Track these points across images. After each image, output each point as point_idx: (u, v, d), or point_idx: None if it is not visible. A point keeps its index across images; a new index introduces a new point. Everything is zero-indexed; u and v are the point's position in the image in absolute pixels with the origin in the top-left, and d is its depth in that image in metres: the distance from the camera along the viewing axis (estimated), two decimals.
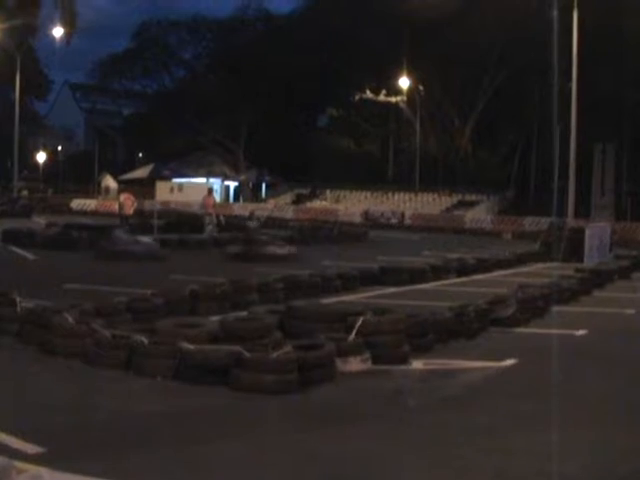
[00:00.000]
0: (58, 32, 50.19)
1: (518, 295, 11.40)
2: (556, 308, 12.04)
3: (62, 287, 12.84)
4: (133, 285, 12.49)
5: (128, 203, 26.00)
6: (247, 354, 6.96)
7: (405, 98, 52.89)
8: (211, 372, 6.99)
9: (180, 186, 59.59)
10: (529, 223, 38.26)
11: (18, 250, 20.22)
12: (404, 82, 51.66)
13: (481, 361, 8.46)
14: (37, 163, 75.37)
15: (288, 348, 7.14)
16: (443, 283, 15.52)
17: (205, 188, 38.08)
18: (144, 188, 53.22)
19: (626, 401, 7.05)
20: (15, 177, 55.58)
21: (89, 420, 6.07)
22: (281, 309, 9.35)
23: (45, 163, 76.09)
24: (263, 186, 64.82)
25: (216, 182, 58.60)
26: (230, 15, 64.58)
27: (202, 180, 59.88)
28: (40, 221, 32.27)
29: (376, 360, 7.85)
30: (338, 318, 8.60)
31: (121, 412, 6.30)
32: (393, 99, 53.32)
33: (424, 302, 12.07)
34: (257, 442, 5.64)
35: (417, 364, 8.15)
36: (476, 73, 49.19)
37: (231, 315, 9.45)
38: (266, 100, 58.06)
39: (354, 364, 7.68)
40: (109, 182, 66.66)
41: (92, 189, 65.51)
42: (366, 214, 46.05)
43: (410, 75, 50.88)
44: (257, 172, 63.84)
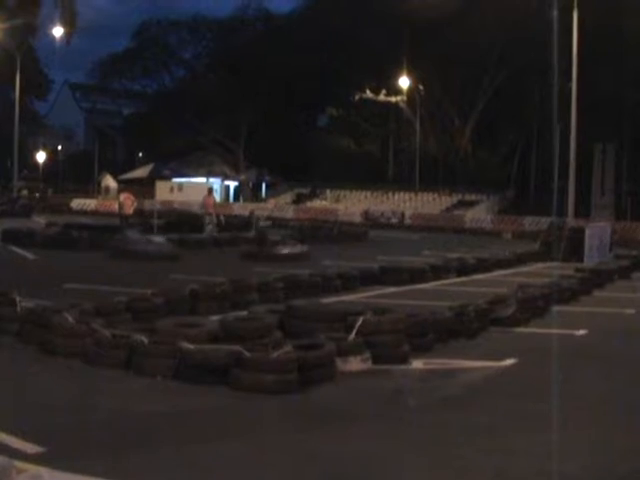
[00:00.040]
0: (58, 32, 50.24)
1: (518, 295, 11.39)
2: (556, 308, 12.04)
3: (62, 287, 12.84)
4: (134, 285, 12.48)
5: (128, 203, 25.99)
6: (247, 354, 6.96)
7: (405, 98, 52.88)
8: (211, 372, 6.99)
9: (180, 186, 59.60)
10: (529, 223, 38.26)
11: (18, 250, 20.21)
12: (404, 82, 51.66)
13: (481, 361, 8.46)
14: (37, 163, 75.36)
15: (288, 348, 7.13)
16: (443, 283, 15.51)
17: (205, 188, 38.05)
18: (144, 188, 53.31)
19: (626, 401, 7.05)
20: (15, 177, 55.60)
21: (89, 420, 6.07)
22: (281, 309, 9.35)
23: (45, 163, 76.07)
24: (263, 186, 64.80)
25: (216, 182, 58.57)
26: (230, 15, 64.72)
27: (202, 180, 59.87)
28: (40, 221, 32.27)
29: (376, 360, 7.85)
30: (338, 318, 8.60)
31: (121, 412, 6.29)
32: (393, 99, 53.31)
33: (424, 302, 12.06)
34: (257, 442, 5.64)
35: (417, 364, 8.15)
36: (476, 73, 49.18)
37: (231, 315, 9.45)
38: (266, 100, 58.05)
39: (354, 364, 7.68)
40: (109, 182, 66.63)
41: (92, 189, 65.52)
42: (366, 214, 46.04)
43: (410, 75, 50.87)
44: (257, 172, 63.81)
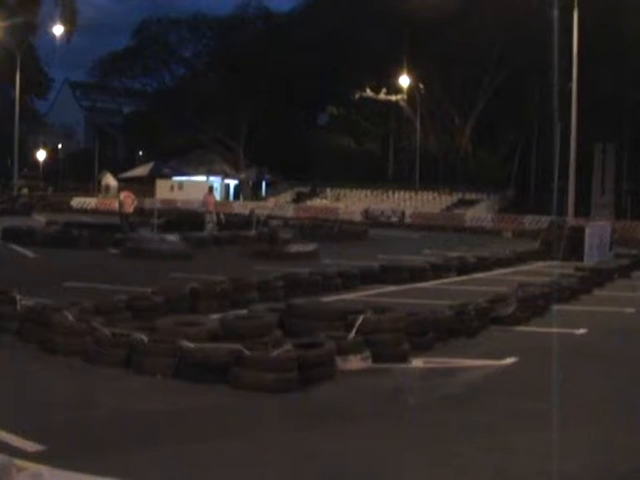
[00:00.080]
0: (58, 30, 50.25)
1: (518, 294, 11.39)
2: (556, 307, 12.04)
3: (62, 285, 12.83)
4: (134, 283, 12.48)
5: (128, 201, 25.89)
6: (247, 352, 6.95)
7: (405, 96, 52.86)
8: (211, 370, 6.99)
9: (180, 184, 59.59)
10: (529, 222, 38.25)
11: (18, 248, 20.22)
12: (404, 80, 51.64)
13: (481, 360, 8.46)
14: (37, 161, 75.37)
15: (288, 346, 7.13)
16: (443, 282, 15.50)
17: (205, 186, 38.07)
18: (144, 186, 53.29)
19: (626, 400, 7.05)
20: (15, 175, 55.61)
21: (89, 418, 6.07)
22: (281, 307, 9.35)
23: (45, 161, 76.08)
24: (263, 184, 64.78)
25: (216, 180, 58.58)
26: (230, 13, 64.70)
27: (202, 178, 59.90)
28: (40, 219, 32.30)
29: (376, 358, 7.85)
30: (338, 316, 8.60)
31: (121, 410, 6.29)
32: (393, 97, 53.28)
33: (424, 300, 12.07)
34: (257, 440, 5.64)
35: (417, 362, 8.15)
36: (476, 73, 49.18)
37: (231, 313, 9.44)
38: (266, 98, 58.03)
39: (354, 362, 7.68)
40: (109, 180, 66.62)
41: (92, 187, 65.52)
42: (366, 212, 46.04)
43: (410, 74, 50.84)
44: (257, 170, 63.80)
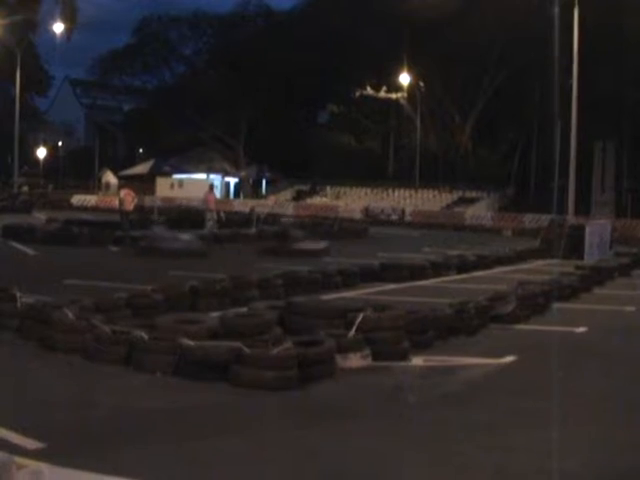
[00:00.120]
0: (58, 28, 50.22)
1: (518, 292, 11.39)
2: (556, 305, 12.03)
3: (62, 283, 12.83)
4: (134, 281, 12.48)
5: (128, 199, 25.88)
6: (247, 350, 6.95)
7: (406, 95, 52.85)
8: (211, 368, 6.99)
9: (180, 182, 59.60)
10: (529, 220, 38.25)
11: (18, 245, 20.23)
12: (405, 79, 51.64)
13: (481, 358, 8.46)
14: (37, 159, 75.38)
15: (288, 344, 7.13)
16: (443, 280, 15.49)
17: (205, 184, 38.09)
18: (144, 184, 53.34)
19: (625, 398, 7.05)
20: (15, 173, 55.65)
21: (89, 416, 6.07)
22: (281, 305, 9.35)
23: (45, 159, 76.10)
24: (263, 182, 64.79)
25: (216, 178, 58.62)
26: (231, 11, 64.61)
27: (202, 176, 59.91)
28: (40, 217, 32.30)
29: (376, 356, 7.85)
30: (338, 314, 8.60)
31: (121, 408, 6.29)
32: (394, 96, 53.26)
33: (424, 299, 12.06)
34: (257, 438, 5.64)
35: (417, 361, 8.15)
36: (476, 71, 49.16)
37: (231, 311, 9.44)
38: (266, 96, 58.00)
39: (354, 360, 7.68)
40: (109, 178, 66.65)
41: (92, 185, 65.53)
42: (366, 210, 46.04)
43: (410, 72, 50.85)
44: (257, 168, 63.83)
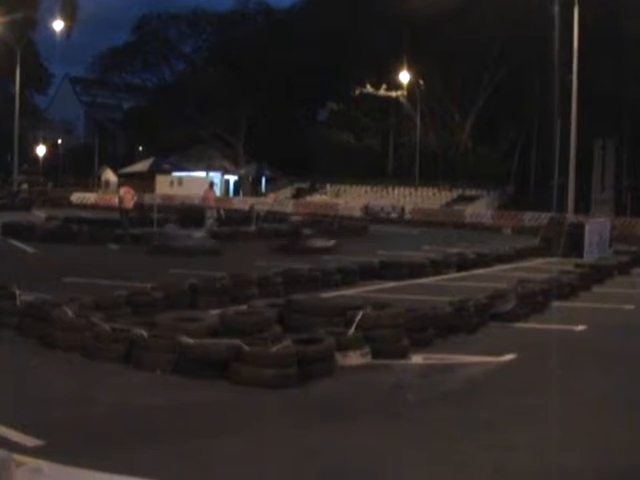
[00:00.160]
0: (58, 25, 50.16)
1: (518, 290, 11.39)
2: (556, 303, 12.04)
3: (61, 280, 12.82)
4: (134, 279, 12.47)
5: (128, 197, 25.80)
6: (247, 348, 6.95)
7: (405, 92, 52.82)
8: (210, 366, 6.98)
9: (180, 180, 59.52)
10: (529, 218, 38.20)
11: (18, 243, 20.21)
12: (404, 77, 51.59)
13: (481, 356, 8.46)
14: (37, 157, 75.32)
15: (288, 342, 7.13)
16: (443, 278, 15.49)
17: (205, 182, 38.04)
18: (144, 182, 53.18)
19: (625, 397, 7.04)
20: (15, 170, 55.58)
21: (88, 413, 6.07)
22: (281, 303, 9.35)
23: (45, 157, 76.03)
24: (263, 180, 64.76)
25: (216, 176, 58.57)
26: (230, 8, 64.58)
27: (202, 174, 59.86)
28: (40, 214, 32.27)
29: (376, 354, 7.85)
30: (338, 312, 8.60)
31: (120, 405, 6.29)
32: (393, 93, 53.22)
33: (424, 297, 12.05)
34: (256, 436, 5.64)
35: (417, 359, 8.14)
36: (476, 69, 49.13)
37: (231, 309, 9.44)
38: (266, 94, 57.97)
39: (354, 358, 7.68)
40: (109, 176, 66.56)
41: (92, 183, 65.46)
42: (366, 208, 45.99)
43: (410, 70, 50.81)
44: (257, 166, 63.78)
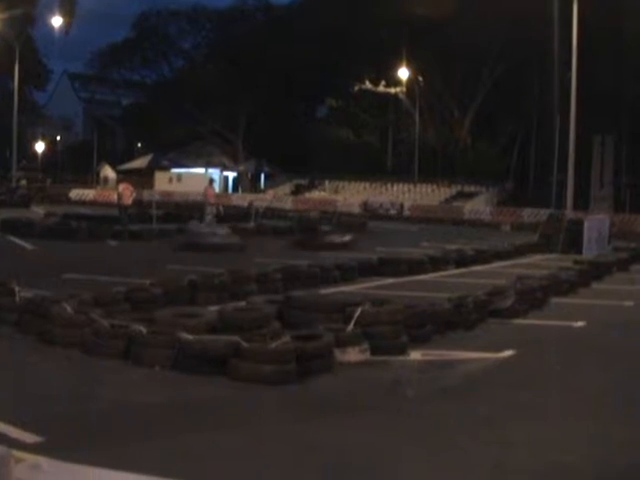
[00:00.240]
0: (57, 21, 50.16)
1: (517, 286, 11.38)
2: (555, 300, 12.05)
3: (61, 277, 12.83)
4: (133, 275, 12.47)
5: (127, 193, 25.81)
6: (245, 344, 6.95)
7: (404, 89, 52.82)
8: (209, 362, 6.98)
9: (179, 176, 59.59)
10: (528, 215, 38.23)
11: (17, 240, 20.19)
12: (403, 73, 51.59)
13: (479, 352, 8.45)
14: (36, 153, 75.33)
15: (286, 338, 7.12)
16: (442, 274, 15.49)
17: (204, 178, 38.04)
18: (143, 178, 53.32)
19: (624, 393, 7.05)
20: (14, 167, 55.61)
21: (87, 409, 6.07)
22: (280, 299, 9.35)
23: (44, 153, 76.02)
24: (262, 177, 64.75)
25: (215, 172, 58.54)
26: (230, 5, 64.69)
27: (201, 170, 59.86)
28: (39, 211, 32.25)
29: (374, 351, 7.84)
30: (337, 308, 8.60)
31: (119, 402, 6.29)
32: (392, 90, 53.23)
33: (422, 293, 12.06)
34: (255, 433, 5.64)
35: (415, 355, 8.14)
36: (476, 66, 49.11)
37: (230, 305, 9.43)
38: (265, 90, 57.97)
39: (352, 355, 7.67)
40: (108, 172, 66.59)
41: (91, 179, 65.51)
42: (365, 205, 46.00)
43: (410, 66, 50.80)
44: (256, 163, 63.78)
